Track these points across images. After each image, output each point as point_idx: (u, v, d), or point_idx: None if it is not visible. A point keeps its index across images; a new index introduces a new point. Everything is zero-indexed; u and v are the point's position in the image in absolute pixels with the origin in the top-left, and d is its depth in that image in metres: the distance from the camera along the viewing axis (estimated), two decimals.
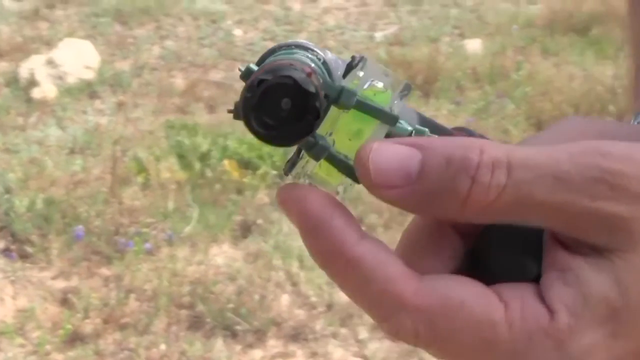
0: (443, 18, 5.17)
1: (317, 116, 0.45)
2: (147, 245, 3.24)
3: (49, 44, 4.71)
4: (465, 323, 0.43)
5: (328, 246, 0.44)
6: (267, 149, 3.61)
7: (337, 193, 0.47)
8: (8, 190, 3.47)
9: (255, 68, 0.49)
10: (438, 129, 0.49)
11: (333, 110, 0.46)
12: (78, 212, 3.34)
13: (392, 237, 3.27)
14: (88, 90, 4.34)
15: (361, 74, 0.47)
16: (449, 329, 0.43)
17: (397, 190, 0.44)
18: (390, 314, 0.43)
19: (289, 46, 0.51)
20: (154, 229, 3.34)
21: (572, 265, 0.43)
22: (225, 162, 3.63)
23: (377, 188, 0.44)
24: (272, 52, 0.51)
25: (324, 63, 0.51)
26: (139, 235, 3.27)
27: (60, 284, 3.11)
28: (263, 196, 3.50)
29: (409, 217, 0.44)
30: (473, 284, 0.44)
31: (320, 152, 0.46)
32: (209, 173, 3.58)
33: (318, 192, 0.45)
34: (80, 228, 3.26)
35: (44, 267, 3.18)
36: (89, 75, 4.41)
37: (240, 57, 4.73)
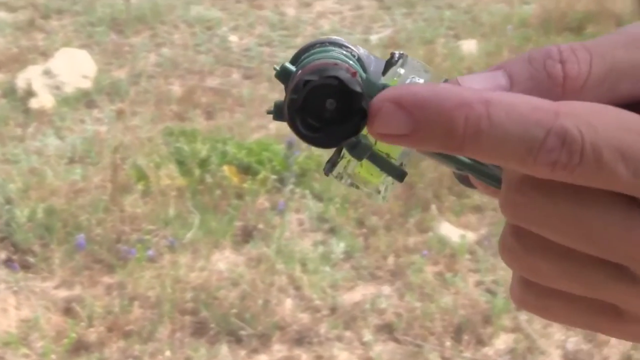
0: (437, 20, 5.18)
1: (364, 116, 0.44)
2: (149, 253, 3.24)
3: (45, 54, 4.71)
4: (618, 120, 0.41)
5: (462, 99, 0.41)
6: (266, 153, 3.62)
7: (379, 192, 0.47)
8: (9, 201, 3.47)
9: (290, 67, 0.49)
10: None
11: None
12: (79, 221, 3.34)
13: (393, 238, 3.29)
14: (85, 100, 4.34)
15: (402, 71, 0.46)
16: (606, 127, 0.41)
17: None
18: (550, 124, 0.41)
19: (322, 43, 0.50)
20: (156, 236, 3.35)
21: None
22: (225, 167, 3.64)
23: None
24: (306, 50, 0.50)
25: (359, 59, 0.50)
26: (141, 243, 3.28)
27: (63, 293, 3.11)
28: (263, 201, 3.50)
29: (410, 220, 0.42)
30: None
31: (363, 151, 0.45)
32: (209, 179, 3.58)
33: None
34: (81, 237, 3.26)
35: (47, 277, 3.17)
36: (86, 84, 4.41)
37: (237, 63, 4.73)
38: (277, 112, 0.46)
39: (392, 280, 3.13)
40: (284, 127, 0.47)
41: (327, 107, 0.44)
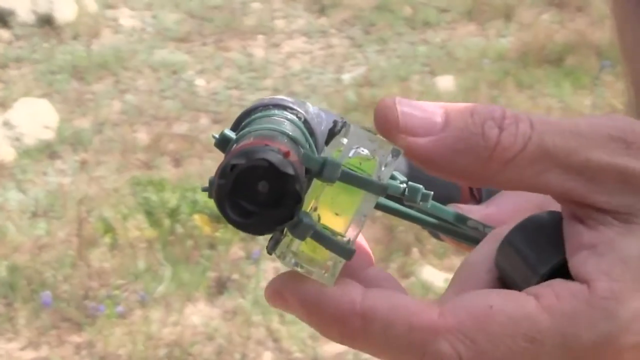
0: (411, 56, 5.20)
1: (298, 200, 0.44)
2: (119, 309, 3.22)
3: (4, 105, 4.69)
4: (501, 326, 0.43)
5: (336, 314, 0.44)
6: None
7: (326, 271, 0.46)
8: None
9: (230, 134, 0.49)
10: (433, 181, 0.50)
11: (316, 183, 0.45)
12: (44, 277, 3.32)
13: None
14: (48, 151, 4.32)
15: (345, 141, 0.45)
16: (488, 338, 0.43)
17: (422, 139, 0.44)
18: (425, 347, 0.43)
19: (265, 106, 0.50)
20: (125, 291, 3.33)
21: (602, 238, 0.44)
22: (196, 216, 3.63)
23: (404, 134, 0.44)
24: (247, 114, 0.51)
25: (305, 122, 0.51)
26: (110, 299, 3.26)
27: (30, 354, 3.08)
28: (237, 250, 3.51)
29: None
30: (496, 290, 0.45)
31: (305, 231, 0.45)
32: (179, 229, 3.58)
33: (300, 276, 0.45)
34: (47, 294, 3.24)
35: (11, 338, 3.15)
36: (48, 135, 4.40)
37: (204, 107, 4.73)
38: (212, 191, 0.46)
39: None
40: None
41: (260, 189, 0.44)
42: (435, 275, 3.35)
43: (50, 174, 4.17)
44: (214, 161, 4.10)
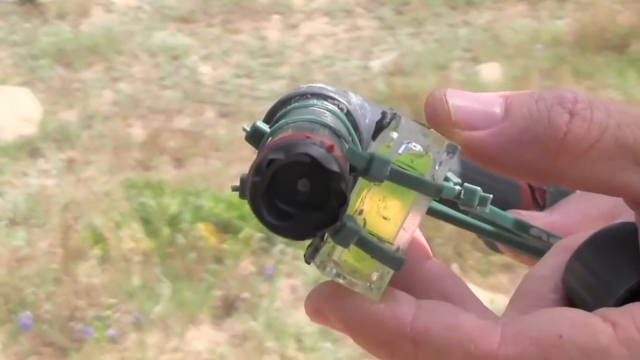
0: (451, 40, 5.21)
1: (343, 201, 0.44)
2: (110, 332, 3.23)
3: None
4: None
5: (384, 337, 0.44)
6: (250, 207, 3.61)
7: (372, 283, 0.46)
8: None
9: (263, 126, 0.50)
10: (489, 184, 0.51)
11: (362, 182, 0.46)
12: (24, 295, 3.33)
13: None
14: (29, 148, 4.34)
15: (394, 135, 0.46)
16: None
17: (480, 132, 0.44)
18: None
19: (303, 96, 0.51)
20: (118, 311, 3.33)
21: None
22: (200, 225, 3.63)
23: (457, 128, 0.44)
24: (283, 103, 0.52)
25: (348, 114, 0.52)
26: (100, 320, 3.26)
27: None
28: (247, 264, 3.50)
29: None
30: (568, 311, 0.44)
31: (349, 237, 0.45)
32: (180, 240, 3.57)
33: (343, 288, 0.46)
34: (27, 315, 3.25)
35: None
36: (30, 129, 4.42)
37: (210, 98, 4.74)
38: (245, 189, 0.46)
39: None
40: None
41: (300, 189, 0.44)
42: (478, 295, 3.32)
43: (31, 175, 4.18)
44: (220, 161, 4.14)
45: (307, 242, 0.47)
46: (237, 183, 0.48)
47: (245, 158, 3.87)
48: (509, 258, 0.64)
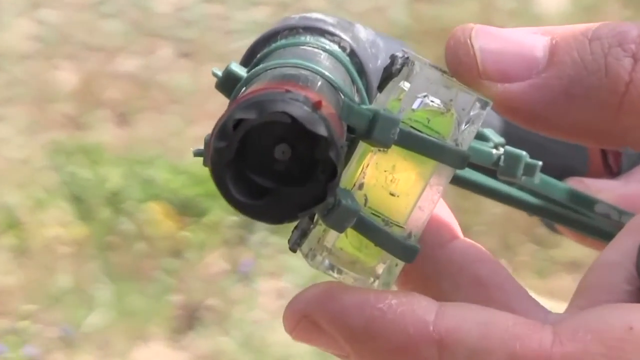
0: None
1: (334, 173, 0.44)
2: (29, 349, 3.24)
3: None
4: None
5: (399, 342, 0.45)
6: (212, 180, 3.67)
7: (377, 278, 0.48)
8: None
9: (238, 70, 0.51)
10: (544, 144, 0.57)
11: (364, 147, 0.47)
12: None
13: None
14: None
15: (407, 85, 0.47)
16: None
17: (517, 85, 0.46)
18: None
19: (293, 29, 0.54)
20: (39, 322, 3.34)
21: None
22: (151, 205, 3.64)
23: (487, 79, 0.46)
24: (265, 40, 0.54)
25: (352, 54, 0.54)
26: (15, 333, 3.29)
27: None
28: (216, 259, 3.53)
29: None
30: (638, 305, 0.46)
31: (345, 219, 0.45)
32: (125, 225, 3.57)
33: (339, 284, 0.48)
34: None
35: None
36: None
37: (166, 32, 4.72)
38: (207, 156, 0.47)
39: None
40: None
41: (278, 156, 0.45)
42: None
43: None
44: (180, 117, 4.16)
45: (292, 226, 0.48)
46: (202, 146, 0.49)
47: (213, 114, 3.82)
48: (573, 252, 0.76)
